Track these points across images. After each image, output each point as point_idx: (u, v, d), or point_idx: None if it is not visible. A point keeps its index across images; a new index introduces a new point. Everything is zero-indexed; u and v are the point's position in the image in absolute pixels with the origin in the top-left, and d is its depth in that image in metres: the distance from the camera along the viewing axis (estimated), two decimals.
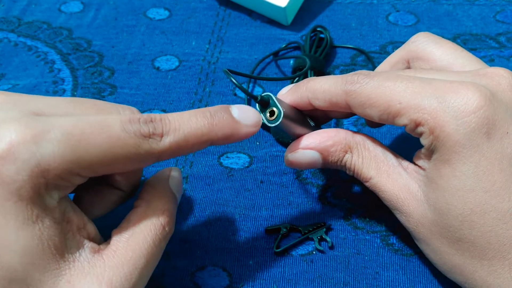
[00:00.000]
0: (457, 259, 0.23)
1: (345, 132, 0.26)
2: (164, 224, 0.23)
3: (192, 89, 0.38)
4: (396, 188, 0.25)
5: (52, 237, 0.20)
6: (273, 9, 0.41)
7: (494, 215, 0.22)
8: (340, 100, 0.25)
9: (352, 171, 0.27)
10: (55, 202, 0.20)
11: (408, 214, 0.25)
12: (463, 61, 0.26)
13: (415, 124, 0.23)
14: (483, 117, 0.22)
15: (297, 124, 0.27)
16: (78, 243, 0.21)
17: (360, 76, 0.24)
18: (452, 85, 0.23)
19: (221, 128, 0.23)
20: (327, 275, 0.28)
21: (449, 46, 0.27)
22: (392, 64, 0.29)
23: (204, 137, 0.23)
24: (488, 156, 0.22)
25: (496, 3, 0.43)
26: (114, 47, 0.42)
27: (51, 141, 0.19)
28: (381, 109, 0.24)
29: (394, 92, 0.23)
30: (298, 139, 0.27)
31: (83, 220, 0.22)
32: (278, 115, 0.25)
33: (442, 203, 0.23)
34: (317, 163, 0.27)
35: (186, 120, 0.22)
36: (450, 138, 0.22)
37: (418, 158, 0.25)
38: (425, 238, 0.24)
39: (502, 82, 0.23)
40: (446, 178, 0.22)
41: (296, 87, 0.27)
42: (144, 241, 0.22)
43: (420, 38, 0.28)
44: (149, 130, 0.21)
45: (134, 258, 0.22)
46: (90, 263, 0.21)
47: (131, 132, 0.21)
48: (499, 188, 0.22)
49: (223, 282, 0.28)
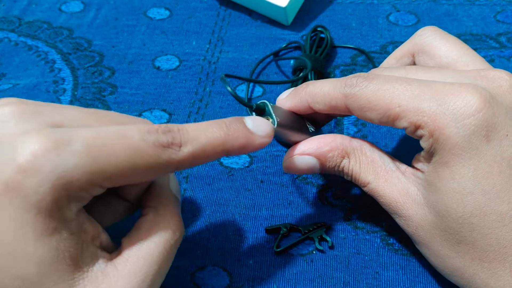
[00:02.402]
0: (458, 262, 0.23)
1: (342, 138, 0.26)
2: (175, 229, 0.23)
3: (193, 89, 0.38)
4: (395, 192, 0.25)
5: (68, 248, 0.20)
6: (273, 9, 0.41)
7: (494, 218, 0.22)
8: (340, 103, 0.25)
9: (350, 176, 0.27)
10: (74, 214, 0.20)
11: (408, 218, 0.24)
12: (467, 60, 0.26)
13: (415, 127, 0.23)
14: (483, 119, 0.21)
15: (294, 131, 0.27)
16: (92, 253, 0.21)
17: (359, 79, 0.24)
18: (452, 87, 0.22)
19: (237, 138, 0.23)
20: (327, 275, 0.28)
21: (455, 42, 0.27)
22: (398, 58, 0.29)
23: (220, 147, 0.23)
24: (487, 158, 0.22)
25: (497, 3, 0.43)
26: (115, 47, 0.42)
27: (73, 153, 0.19)
28: (380, 112, 0.24)
29: (393, 95, 0.23)
30: (296, 145, 0.27)
31: (98, 230, 0.22)
32: (272, 124, 0.25)
33: (442, 206, 0.23)
34: (314, 168, 0.27)
35: (203, 130, 0.23)
36: (450, 141, 0.22)
37: (418, 161, 0.25)
38: (425, 242, 0.24)
39: (502, 85, 0.23)
40: (445, 181, 0.22)
41: (295, 91, 0.27)
42: (155, 248, 0.22)
43: (426, 32, 0.28)
44: (167, 140, 0.21)
45: (146, 266, 0.22)
46: (103, 273, 0.21)
47: (150, 142, 0.21)
48: (499, 191, 0.22)
49: (223, 282, 0.28)
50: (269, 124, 0.25)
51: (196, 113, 0.36)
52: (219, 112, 0.36)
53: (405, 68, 0.26)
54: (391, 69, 0.27)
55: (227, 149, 0.23)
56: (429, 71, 0.25)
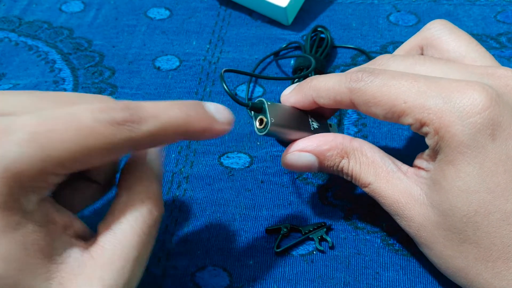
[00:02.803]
0: (461, 262, 0.23)
1: (343, 137, 0.26)
2: (151, 208, 0.22)
3: (193, 89, 0.38)
4: (396, 193, 0.25)
5: (37, 241, 0.19)
6: (273, 9, 0.41)
7: (498, 216, 0.22)
8: (345, 98, 0.25)
9: (350, 176, 0.26)
10: (35, 205, 0.19)
11: (410, 219, 0.24)
12: (475, 56, 0.26)
13: (420, 124, 0.23)
14: (489, 118, 0.21)
15: (293, 130, 0.27)
16: (65, 243, 0.20)
17: (364, 73, 0.24)
18: (458, 85, 0.22)
19: (198, 121, 0.22)
20: (327, 275, 0.28)
21: (464, 38, 0.27)
22: (407, 51, 0.29)
23: (181, 129, 0.22)
24: (492, 157, 0.22)
25: (497, 3, 0.43)
26: (115, 47, 0.42)
27: (16, 143, 0.18)
28: (386, 108, 0.23)
29: (399, 91, 0.23)
30: (296, 141, 0.27)
31: (69, 218, 0.21)
32: (266, 123, 0.25)
33: (446, 205, 0.22)
34: (313, 166, 0.27)
35: (163, 109, 0.21)
36: (455, 139, 0.22)
37: (421, 160, 0.25)
38: (427, 243, 0.24)
39: (509, 83, 0.23)
40: (450, 179, 0.22)
41: (300, 86, 0.27)
42: (132, 231, 0.21)
43: (436, 25, 0.28)
44: (124, 116, 0.20)
45: (124, 252, 0.21)
46: (79, 262, 0.20)
47: (104, 121, 0.20)
48: (504, 189, 0.22)
49: (223, 282, 0.28)
50: (230, 112, 0.24)
51: None
52: None
53: (414, 57, 0.26)
54: (399, 57, 0.26)
55: (188, 130, 0.22)
56: (437, 63, 0.25)
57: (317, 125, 0.28)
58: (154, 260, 0.29)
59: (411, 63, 0.25)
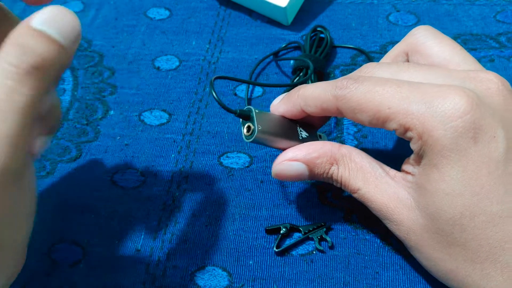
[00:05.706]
0: (450, 264, 0.23)
1: (332, 145, 0.27)
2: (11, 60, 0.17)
3: (192, 89, 0.38)
4: (385, 198, 0.25)
5: None
6: (273, 9, 0.41)
7: (484, 218, 0.22)
8: (331, 105, 0.25)
9: (339, 183, 0.27)
10: None
11: (399, 223, 0.25)
12: (459, 60, 0.26)
13: (404, 129, 0.23)
14: (470, 121, 0.22)
15: (280, 138, 0.27)
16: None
17: (349, 81, 0.25)
18: (440, 90, 0.23)
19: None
20: (327, 275, 0.28)
21: (447, 42, 0.27)
22: (393, 57, 0.30)
23: None
24: (475, 160, 0.22)
25: (497, 3, 0.43)
26: (115, 47, 0.42)
27: None
28: (371, 114, 0.24)
29: (383, 97, 0.23)
30: (285, 152, 0.27)
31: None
32: (254, 130, 0.26)
33: (433, 208, 0.23)
34: (303, 175, 0.27)
35: None
36: (438, 143, 0.22)
37: (408, 165, 0.25)
38: (417, 246, 0.24)
39: (491, 87, 0.23)
40: (435, 183, 0.23)
41: (288, 96, 0.28)
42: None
43: (420, 31, 0.28)
44: None
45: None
46: None
47: None
48: (488, 191, 0.22)
49: (223, 282, 0.28)
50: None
51: (196, 113, 0.36)
52: (219, 112, 0.36)
53: (398, 64, 0.26)
54: (384, 65, 0.27)
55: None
56: (420, 69, 0.25)
57: (305, 135, 0.28)
58: (154, 260, 0.29)
59: (395, 70, 0.26)
